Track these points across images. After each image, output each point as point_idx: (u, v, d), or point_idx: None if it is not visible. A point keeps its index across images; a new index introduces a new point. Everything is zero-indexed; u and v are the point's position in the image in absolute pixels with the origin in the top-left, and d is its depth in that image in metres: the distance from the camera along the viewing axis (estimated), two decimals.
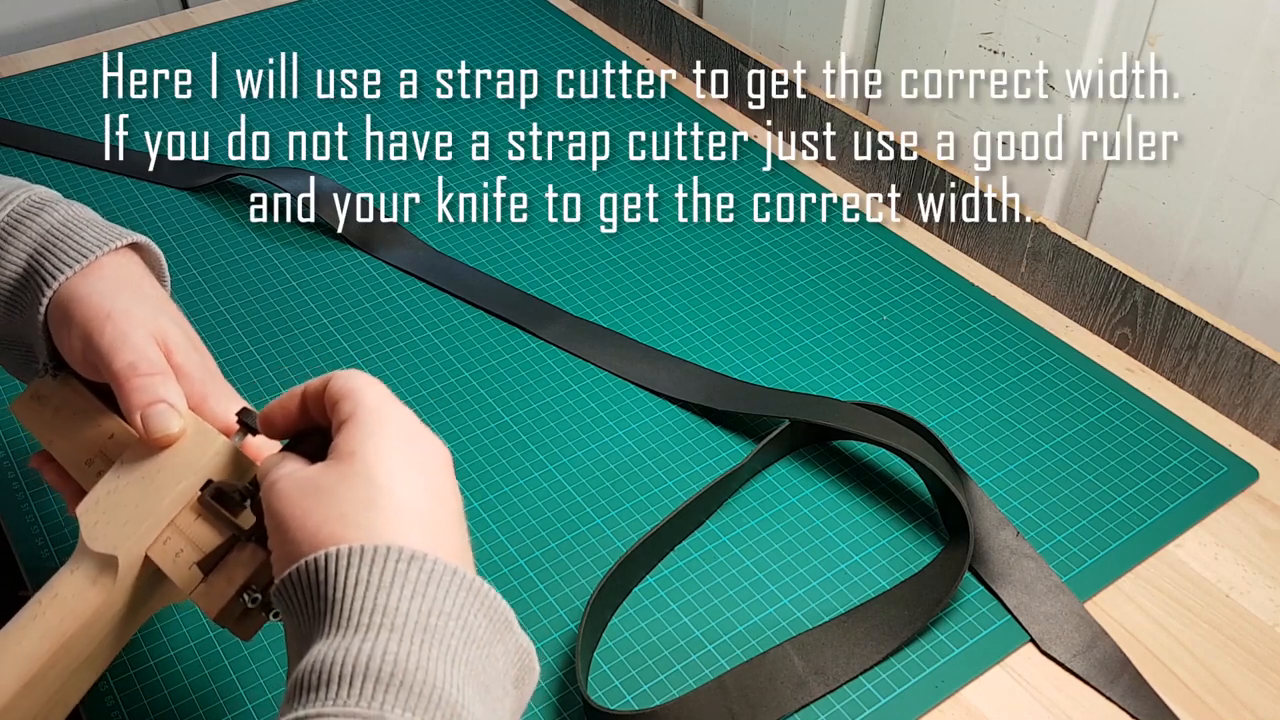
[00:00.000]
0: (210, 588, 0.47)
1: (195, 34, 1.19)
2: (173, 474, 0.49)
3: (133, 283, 0.54)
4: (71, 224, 0.55)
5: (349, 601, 0.39)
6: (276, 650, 0.63)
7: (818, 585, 0.67)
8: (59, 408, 0.55)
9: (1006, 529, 0.68)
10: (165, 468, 0.49)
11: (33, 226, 0.54)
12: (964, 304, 0.87)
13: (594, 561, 0.68)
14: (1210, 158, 0.78)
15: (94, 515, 0.48)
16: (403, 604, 0.39)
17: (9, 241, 0.54)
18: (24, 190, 0.56)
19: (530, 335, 0.84)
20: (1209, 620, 0.66)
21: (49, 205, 0.56)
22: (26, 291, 0.54)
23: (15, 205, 0.55)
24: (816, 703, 0.61)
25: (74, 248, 0.53)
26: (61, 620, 0.47)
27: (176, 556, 0.48)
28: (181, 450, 0.50)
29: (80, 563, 0.48)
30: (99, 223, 0.56)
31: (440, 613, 0.40)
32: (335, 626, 0.39)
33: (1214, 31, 0.75)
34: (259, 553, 0.47)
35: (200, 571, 0.47)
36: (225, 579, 0.47)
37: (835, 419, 0.72)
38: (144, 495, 0.48)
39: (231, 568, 0.47)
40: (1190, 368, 0.80)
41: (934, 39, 0.93)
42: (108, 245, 0.54)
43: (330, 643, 0.38)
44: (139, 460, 0.50)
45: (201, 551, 0.47)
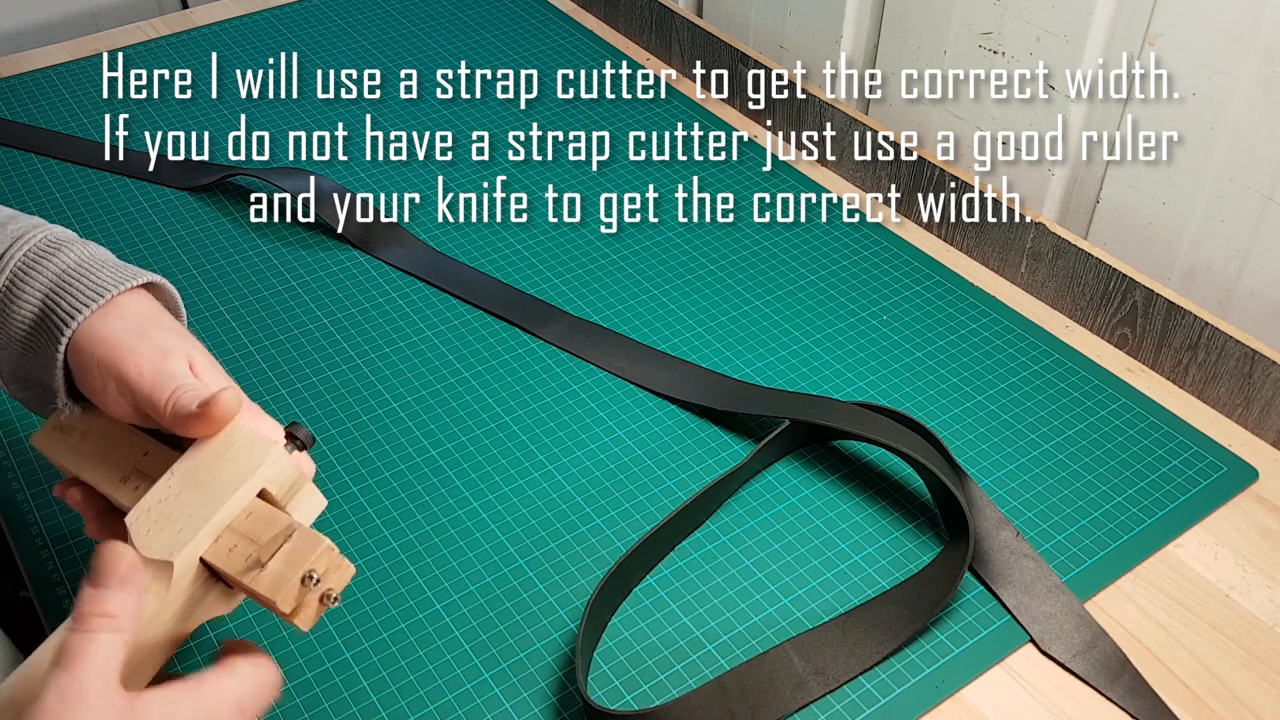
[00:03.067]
0: (273, 576, 0.47)
1: (195, 34, 1.19)
2: (229, 481, 0.49)
3: (151, 318, 0.54)
4: (87, 265, 0.55)
5: None
6: (277, 650, 0.63)
7: (818, 585, 0.67)
8: (85, 434, 0.55)
9: (1006, 529, 0.68)
10: (220, 477, 0.49)
11: (49, 267, 0.55)
12: (964, 304, 0.87)
13: (594, 561, 0.68)
14: (1210, 158, 0.78)
15: (145, 523, 0.48)
16: None
17: (25, 282, 0.54)
18: (40, 230, 0.56)
19: (530, 335, 0.84)
20: (1209, 620, 0.66)
21: (65, 246, 0.56)
22: (42, 332, 0.54)
23: (31, 246, 0.55)
24: (816, 703, 0.61)
25: (89, 287, 0.54)
26: None
27: (232, 550, 0.48)
28: (235, 460, 0.50)
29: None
30: (114, 263, 0.56)
31: None
32: None
33: (1214, 31, 0.75)
34: (316, 538, 0.48)
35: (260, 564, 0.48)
36: (288, 565, 0.47)
37: (835, 419, 0.72)
38: (199, 503, 0.49)
39: (291, 555, 0.48)
40: (1190, 368, 0.80)
41: (934, 39, 0.93)
42: (123, 285, 0.54)
43: None
44: (190, 470, 0.50)
45: (258, 544, 0.48)
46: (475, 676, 0.62)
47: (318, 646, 0.63)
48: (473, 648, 0.64)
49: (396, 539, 0.69)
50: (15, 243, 0.55)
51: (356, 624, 0.65)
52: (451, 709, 0.61)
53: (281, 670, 0.50)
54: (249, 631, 0.64)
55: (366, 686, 0.62)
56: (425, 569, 0.68)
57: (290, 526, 0.48)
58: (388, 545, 0.69)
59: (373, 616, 0.65)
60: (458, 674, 0.62)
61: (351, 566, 0.49)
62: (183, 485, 0.49)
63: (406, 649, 0.64)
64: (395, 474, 0.73)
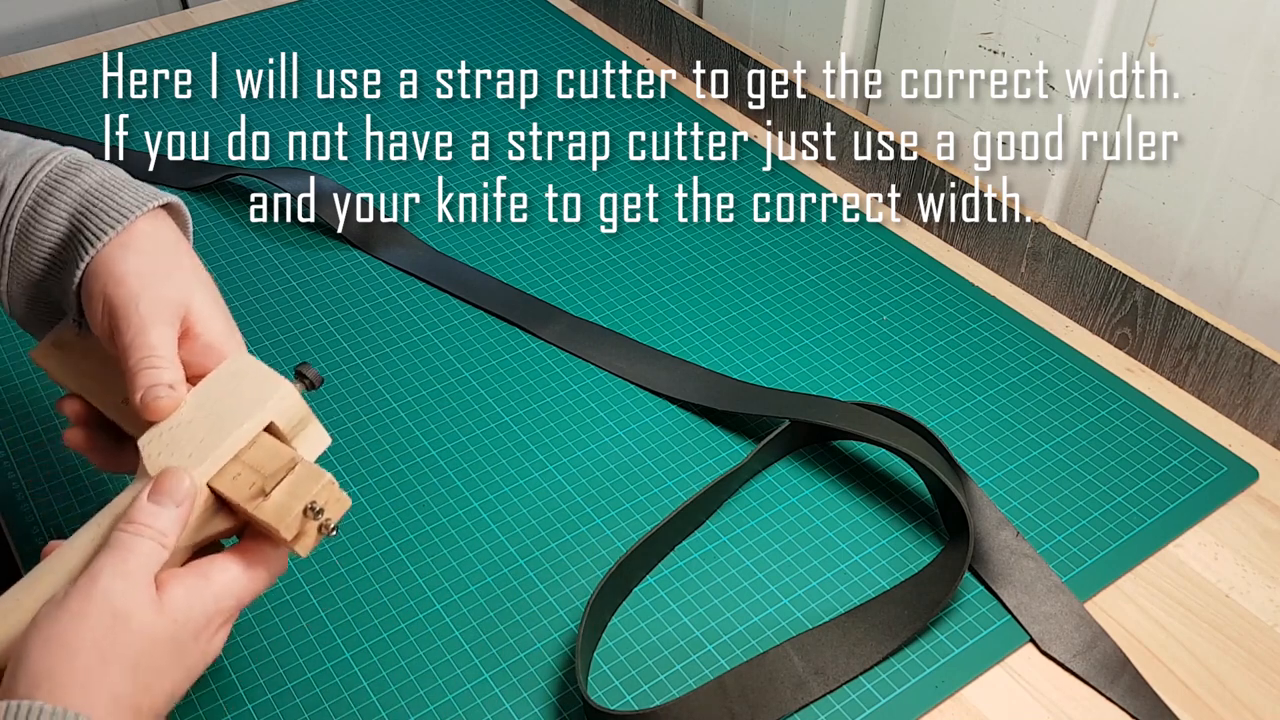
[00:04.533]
0: (276, 505, 0.50)
1: (195, 34, 1.19)
2: (239, 412, 0.52)
3: (168, 254, 0.56)
4: (109, 184, 0.57)
5: None
6: (277, 650, 0.63)
7: (818, 585, 0.67)
8: (86, 353, 0.57)
9: (1006, 529, 0.68)
10: (232, 407, 0.52)
11: (72, 187, 0.56)
12: (964, 304, 0.87)
13: (594, 561, 0.68)
14: (1210, 158, 0.78)
15: (157, 446, 0.51)
16: None
17: (50, 202, 0.56)
18: (59, 152, 0.58)
19: (530, 335, 0.84)
20: (1209, 620, 0.66)
21: (85, 166, 0.57)
22: (68, 250, 0.56)
23: (54, 166, 0.57)
24: (816, 703, 0.61)
25: (113, 208, 0.55)
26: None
27: (235, 478, 0.51)
28: (247, 390, 0.53)
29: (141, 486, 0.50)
30: (133, 184, 0.58)
31: None
32: None
33: (1214, 31, 0.75)
34: (319, 472, 0.51)
35: (264, 493, 0.50)
36: (291, 495, 0.50)
37: (835, 419, 0.72)
38: (209, 431, 0.51)
39: (294, 485, 0.50)
40: (1190, 368, 0.80)
41: (934, 39, 0.93)
42: (144, 206, 0.56)
43: None
44: (202, 399, 0.52)
45: (263, 474, 0.51)
46: (475, 676, 0.62)
47: (318, 646, 0.63)
48: (473, 648, 0.64)
49: (396, 539, 0.69)
50: (37, 164, 0.57)
51: (357, 624, 0.65)
52: (451, 709, 0.61)
53: (281, 670, 0.50)
54: (258, 616, 0.64)
55: (366, 686, 0.62)
56: (425, 569, 0.68)
57: (294, 460, 0.51)
58: (388, 545, 0.69)
59: (373, 616, 0.65)
60: (458, 674, 0.62)
61: (348, 499, 0.51)
62: (194, 413, 0.52)
63: (406, 649, 0.63)
64: (395, 474, 0.73)
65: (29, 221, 0.56)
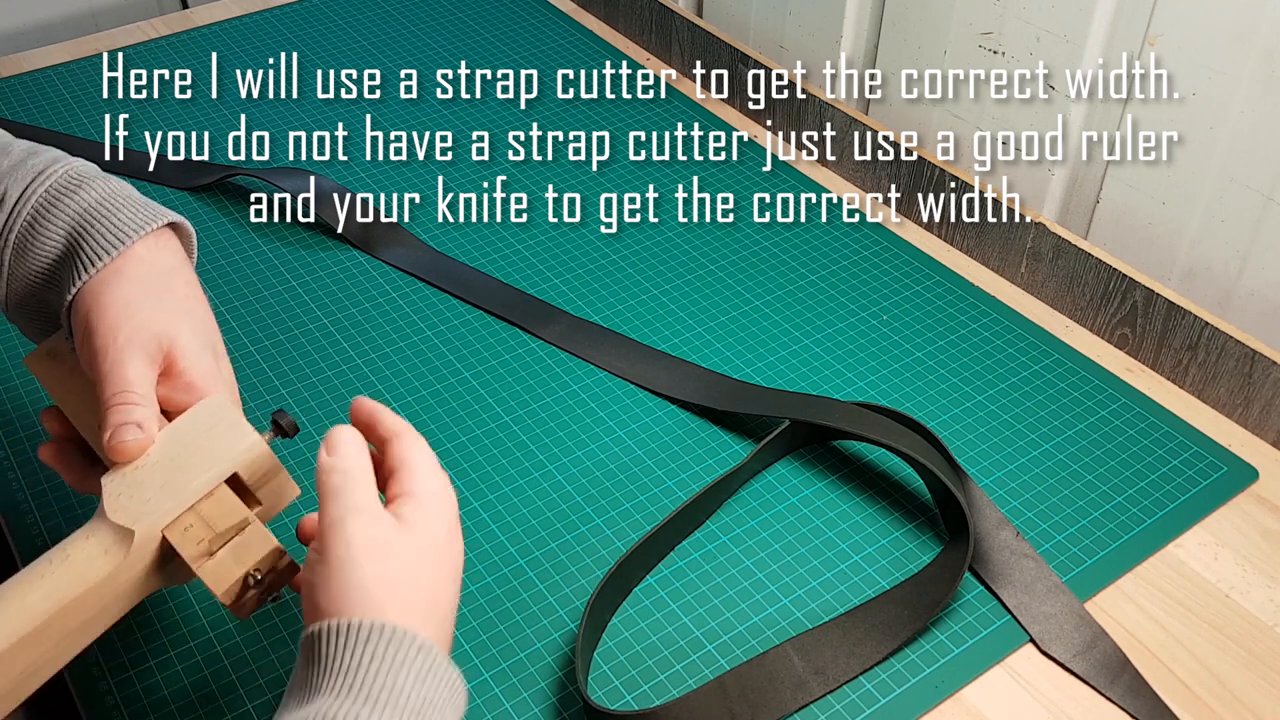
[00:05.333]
0: (219, 566, 0.49)
1: (195, 34, 1.19)
2: (202, 462, 0.51)
3: (159, 282, 0.55)
4: (109, 203, 0.55)
5: (367, 674, 0.44)
6: (277, 650, 0.63)
7: (818, 585, 0.67)
8: (74, 368, 0.56)
9: (1006, 529, 0.68)
10: (197, 454, 0.51)
11: (71, 205, 0.55)
12: (964, 304, 0.87)
13: (594, 561, 0.68)
14: (1210, 158, 0.78)
15: (118, 488, 0.50)
16: (408, 689, 0.44)
17: (49, 218, 0.55)
18: (63, 164, 0.57)
19: (530, 335, 0.84)
20: (1209, 620, 0.66)
21: (88, 181, 0.56)
22: (64, 267, 0.55)
23: (54, 181, 0.56)
24: (816, 703, 0.61)
25: (110, 230, 0.54)
26: (69, 583, 0.48)
27: (186, 531, 0.50)
28: (214, 439, 0.52)
29: (96, 530, 0.49)
30: (137, 201, 0.56)
31: (432, 704, 0.45)
32: (347, 690, 0.43)
33: (1214, 31, 0.75)
34: (267, 539, 0.50)
35: (210, 550, 0.50)
36: (235, 560, 0.50)
37: (835, 419, 0.72)
38: (171, 477, 0.50)
39: (240, 549, 0.50)
40: (1190, 368, 0.80)
41: (934, 39, 0.93)
42: (142, 230, 0.55)
43: (338, 703, 0.43)
44: (169, 441, 0.51)
45: (214, 531, 0.50)
46: (475, 676, 0.62)
47: None
48: (473, 648, 0.64)
49: None
50: (39, 176, 0.56)
51: None
52: None
53: (280, 671, 0.50)
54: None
55: None
56: None
57: (245, 520, 0.50)
58: None
59: None
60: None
61: (297, 567, 0.51)
62: (159, 456, 0.51)
63: None
64: None
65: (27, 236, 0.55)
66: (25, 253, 0.55)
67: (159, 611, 0.65)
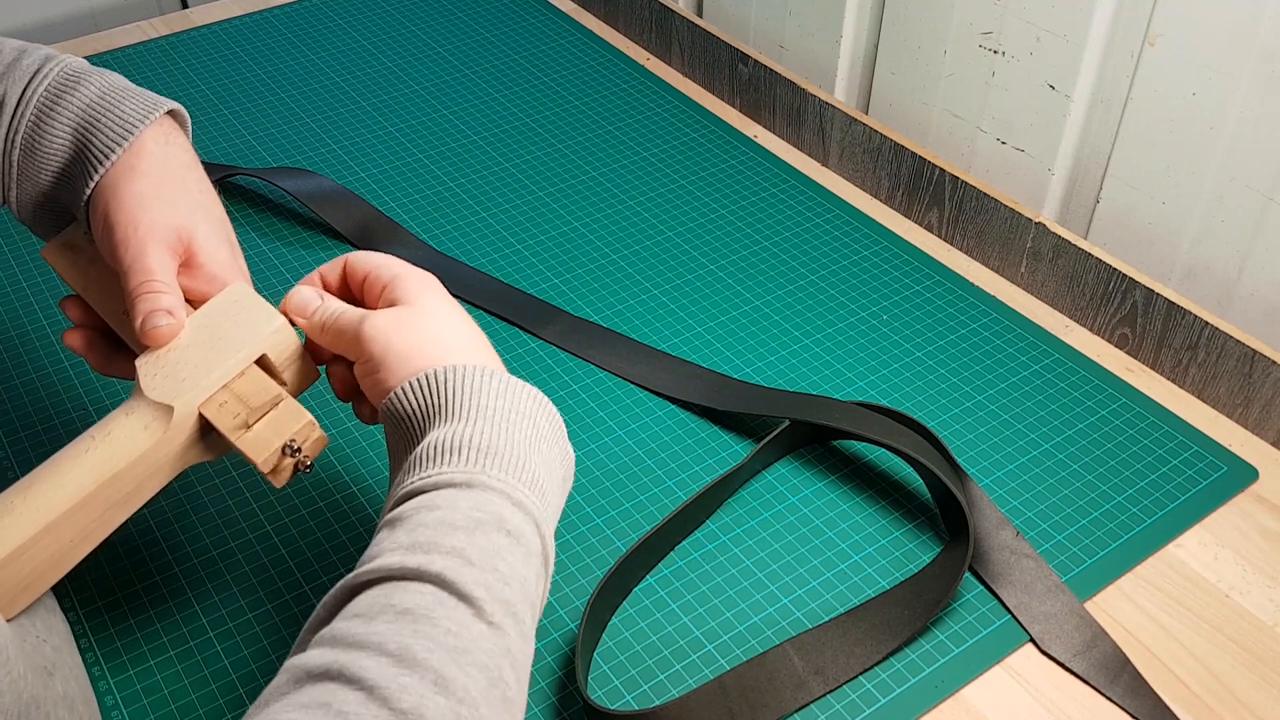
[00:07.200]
0: (257, 438, 0.53)
1: (195, 34, 1.19)
2: (233, 344, 0.54)
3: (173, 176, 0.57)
4: (110, 96, 0.57)
5: (455, 402, 0.50)
6: (277, 650, 0.63)
7: (818, 585, 0.67)
8: (94, 258, 0.59)
9: (1006, 529, 0.68)
10: (227, 337, 0.54)
11: (73, 101, 0.56)
12: (964, 304, 0.87)
13: (594, 561, 0.68)
14: (1210, 158, 0.78)
15: (154, 369, 0.54)
16: (492, 402, 0.51)
17: (53, 117, 0.56)
18: (56, 62, 0.58)
19: (530, 335, 0.84)
20: (1209, 620, 0.66)
21: (84, 77, 0.57)
22: (75, 164, 0.56)
23: (52, 79, 0.57)
24: (816, 703, 0.61)
25: (117, 123, 0.56)
26: (111, 457, 0.52)
27: (222, 407, 0.53)
28: (243, 323, 0.55)
29: (135, 408, 0.53)
30: (134, 91, 0.58)
31: (518, 411, 0.51)
32: (444, 419, 0.50)
33: (1214, 31, 0.75)
34: (300, 412, 0.54)
35: (246, 423, 0.53)
36: (272, 431, 0.53)
37: (835, 419, 0.72)
38: (205, 358, 0.54)
39: (276, 422, 0.53)
40: (1190, 368, 0.80)
41: (934, 39, 0.93)
42: (147, 118, 0.56)
43: (441, 430, 0.49)
44: (200, 325, 0.55)
45: (249, 407, 0.53)
46: None
47: None
48: None
49: None
50: (35, 76, 0.57)
51: None
52: None
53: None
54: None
55: None
56: None
57: (279, 396, 0.53)
58: None
59: None
60: None
61: (326, 439, 0.55)
62: (190, 339, 0.54)
63: None
64: None
65: (33, 136, 0.56)
66: (33, 152, 0.57)
67: (159, 611, 0.65)
